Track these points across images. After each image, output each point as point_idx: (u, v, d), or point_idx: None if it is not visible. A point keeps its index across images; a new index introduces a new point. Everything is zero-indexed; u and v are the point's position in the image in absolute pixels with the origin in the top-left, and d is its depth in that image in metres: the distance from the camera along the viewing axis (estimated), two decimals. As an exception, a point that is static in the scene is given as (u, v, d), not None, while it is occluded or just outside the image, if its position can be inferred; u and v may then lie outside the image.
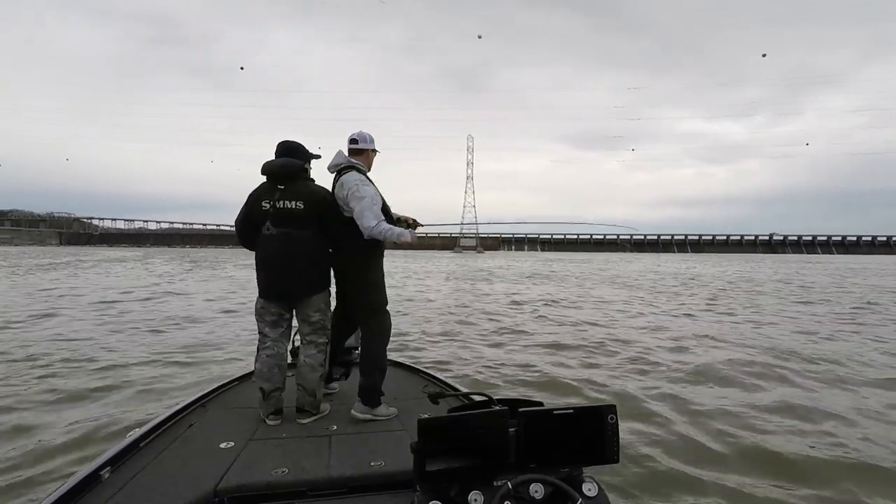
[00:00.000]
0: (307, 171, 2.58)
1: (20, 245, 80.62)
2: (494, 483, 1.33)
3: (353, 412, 2.44)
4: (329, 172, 2.66)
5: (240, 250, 3.50)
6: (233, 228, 2.61)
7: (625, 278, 21.35)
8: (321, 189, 2.56)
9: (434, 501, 1.29)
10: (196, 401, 2.55)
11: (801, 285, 17.75)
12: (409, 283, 17.59)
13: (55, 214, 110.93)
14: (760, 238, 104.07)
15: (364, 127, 2.72)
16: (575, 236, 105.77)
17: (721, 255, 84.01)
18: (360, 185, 2.47)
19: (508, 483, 1.30)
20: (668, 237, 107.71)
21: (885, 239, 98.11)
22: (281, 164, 2.46)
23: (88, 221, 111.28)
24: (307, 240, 2.42)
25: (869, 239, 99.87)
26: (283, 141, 2.58)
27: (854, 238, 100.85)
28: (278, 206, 2.39)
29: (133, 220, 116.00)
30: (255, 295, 2.54)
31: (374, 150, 2.72)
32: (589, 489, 1.37)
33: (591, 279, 20.77)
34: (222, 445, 2.02)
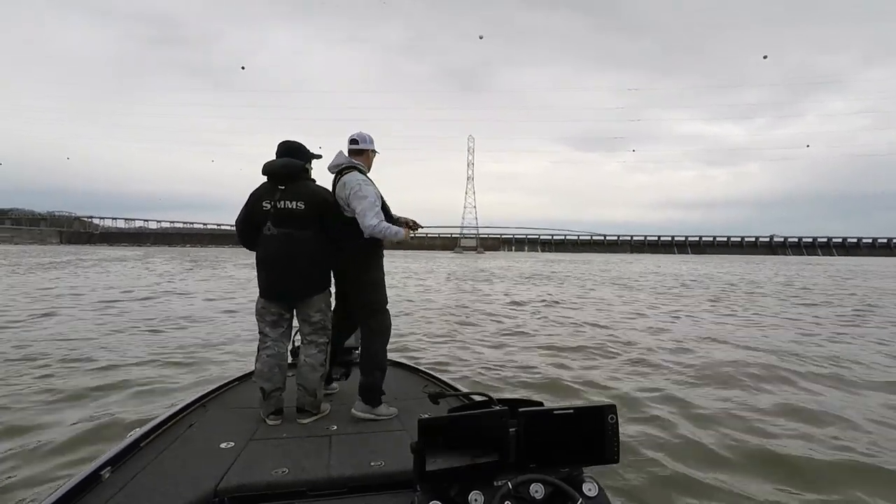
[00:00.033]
0: (308, 171, 2.59)
1: (21, 244, 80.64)
2: (495, 483, 1.33)
3: (353, 411, 2.45)
4: (329, 172, 2.67)
5: (240, 250, 3.47)
6: (233, 228, 2.61)
7: (626, 279, 21.33)
8: (322, 189, 2.57)
9: (434, 501, 1.29)
10: (196, 401, 2.55)
11: (801, 287, 17.74)
12: (410, 284, 17.58)
13: (55, 213, 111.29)
14: (761, 240, 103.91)
15: (364, 127, 2.74)
16: (575, 237, 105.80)
17: (721, 256, 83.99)
18: (363, 185, 2.49)
19: (509, 483, 1.30)
20: (669, 238, 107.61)
21: (885, 241, 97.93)
22: (282, 164, 2.46)
23: (89, 220, 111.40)
24: (308, 240, 2.43)
25: (869, 241, 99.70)
26: (284, 141, 2.59)
27: (854, 240, 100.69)
28: (279, 206, 2.40)
29: (133, 220, 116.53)
30: (256, 295, 2.54)
31: (373, 151, 2.74)
32: (589, 489, 1.37)
33: (592, 280, 20.76)
34: (223, 445, 2.02)
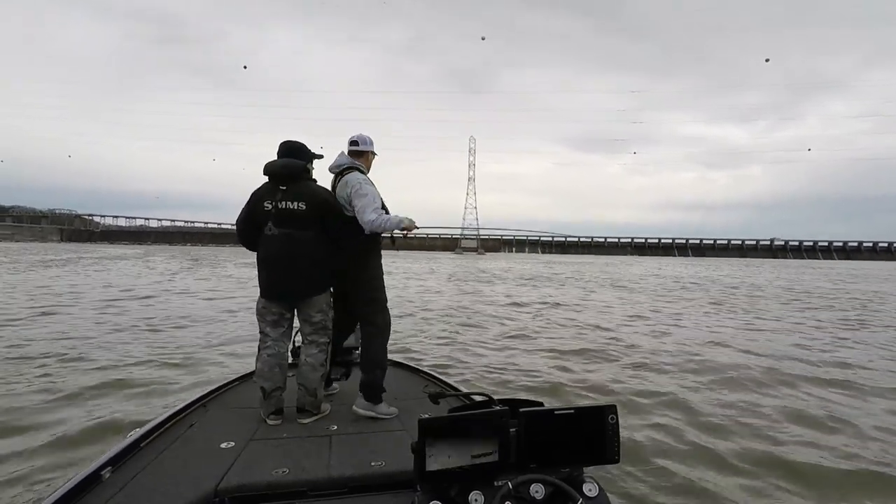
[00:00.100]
0: (309, 171, 2.59)
1: (21, 241, 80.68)
2: (495, 483, 1.33)
3: (355, 408, 2.46)
4: (330, 172, 2.68)
5: (240, 249, 3.49)
6: (234, 227, 2.61)
7: (627, 281, 21.33)
8: (323, 190, 2.57)
9: (434, 501, 1.29)
10: (197, 401, 2.55)
11: (803, 290, 17.72)
12: (412, 284, 17.58)
13: (56, 211, 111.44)
14: (761, 243, 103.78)
15: (365, 127, 2.80)
16: (576, 239, 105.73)
17: (721, 258, 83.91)
18: (363, 183, 2.52)
19: (509, 483, 1.30)
20: (669, 241, 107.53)
21: (886, 245, 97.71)
22: (283, 164, 2.46)
23: (90, 218, 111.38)
24: (309, 240, 2.43)
25: (870, 245, 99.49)
26: (286, 141, 2.58)
27: (855, 244, 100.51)
28: (280, 206, 2.40)
29: (134, 218, 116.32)
30: (256, 294, 2.54)
31: (373, 153, 2.77)
32: (589, 489, 1.37)
33: (593, 282, 20.76)
34: (223, 445, 2.02)
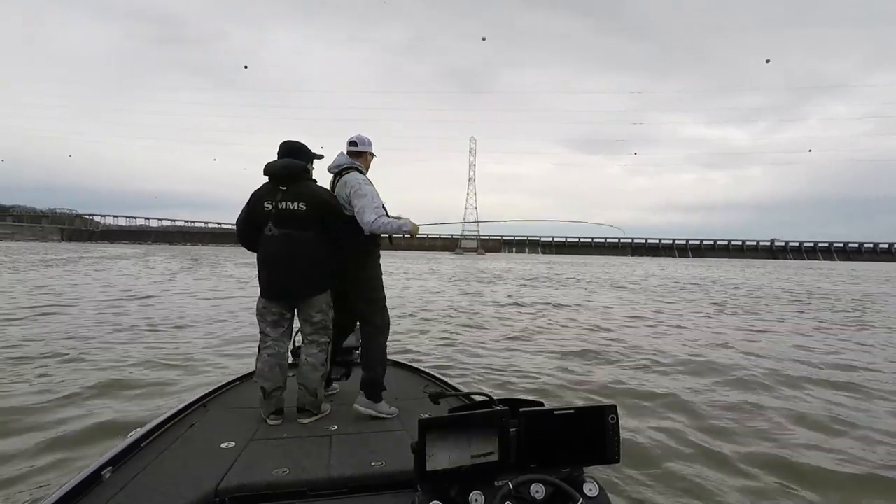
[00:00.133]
0: (309, 172, 2.59)
1: (22, 241, 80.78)
2: (495, 483, 1.33)
3: (355, 405, 2.47)
4: (329, 173, 2.68)
5: (240, 249, 3.49)
6: (234, 227, 2.61)
7: (628, 282, 21.32)
8: (323, 190, 2.57)
9: (435, 501, 1.29)
10: (197, 401, 2.55)
11: (804, 291, 17.71)
12: (412, 285, 17.57)
13: (57, 210, 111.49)
14: (761, 244, 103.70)
15: (365, 127, 2.82)
16: (576, 239, 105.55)
17: (722, 259, 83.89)
18: (363, 183, 2.53)
19: (509, 483, 1.30)
20: (669, 241, 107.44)
21: (886, 246, 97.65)
22: (283, 164, 2.46)
23: (90, 218, 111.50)
24: (309, 241, 2.43)
25: (871, 246, 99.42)
26: (286, 141, 2.58)
27: (856, 245, 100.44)
28: (280, 206, 2.40)
29: (134, 218, 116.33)
30: (256, 294, 2.54)
31: (371, 154, 2.77)
32: (590, 489, 1.37)
33: (594, 282, 20.75)
34: (223, 445, 2.02)
